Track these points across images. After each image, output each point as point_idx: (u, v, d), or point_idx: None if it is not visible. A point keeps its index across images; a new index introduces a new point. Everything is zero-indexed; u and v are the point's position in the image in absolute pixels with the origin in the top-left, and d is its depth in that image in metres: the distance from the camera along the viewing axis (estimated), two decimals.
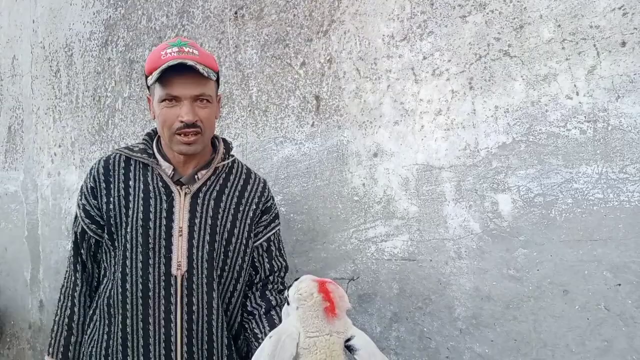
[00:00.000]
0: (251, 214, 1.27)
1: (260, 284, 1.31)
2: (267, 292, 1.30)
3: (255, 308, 1.27)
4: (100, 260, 1.27)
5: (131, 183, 1.21)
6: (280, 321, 1.12)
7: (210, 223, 1.20)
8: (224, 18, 1.88)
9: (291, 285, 1.04)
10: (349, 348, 0.96)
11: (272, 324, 1.20)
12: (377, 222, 1.47)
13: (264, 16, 1.76)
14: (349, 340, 0.96)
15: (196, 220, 1.19)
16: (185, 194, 1.20)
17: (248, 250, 1.27)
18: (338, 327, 0.96)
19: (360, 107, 1.52)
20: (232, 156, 1.30)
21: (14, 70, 2.98)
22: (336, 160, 1.57)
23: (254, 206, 1.28)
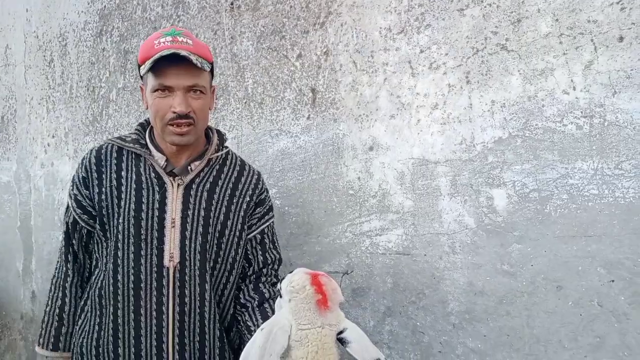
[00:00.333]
0: (245, 205, 1.26)
1: (254, 276, 1.30)
2: (260, 285, 1.29)
3: (248, 300, 1.26)
4: (92, 251, 1.26)
5: (123, 174, 1.19)
6: (273, 314, 1.12)
7: (204, 215, 1.19)
8: (219, 9, 1.86)
9: (284, 278, 1.04)
10: (341, 341, 0.96)
11: (265, 316, 1.20)
12: (372, 216, 1.47)
13: (260, 7, 1.74)
14: (341, 332, 0.96)
15: (189, 212, 1.18)
16: (178, 185, 1.19)
17: (241, 242, 1.26)
18: (330, 320, 0.95)
19: (357, 100, 1.51)
20: (226, 147, 1.29)
21: (7, 59, 2.95)
22: (332, 154, 1.56)
23: (247, 198, 1.27)
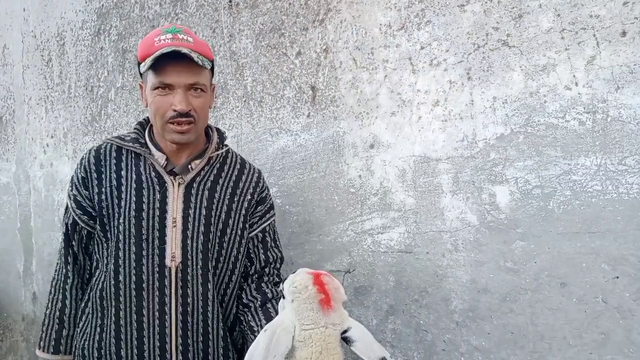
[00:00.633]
0: (246, 204, 1.26)
1: (256, 275, 1.30)
2: (262, 285, 1.28)
3: (251, 300, 1.26)
4: (92, 252, 1.25)
5: (123, 173, 1.19)
6: (277, 314, 1.11)
7: (205, 214, 1.18)
8: (218, 6, 1.85)
9: (286, 279, 1.04)
10: (346, 340, 0.95)
11: (268, 316, 1.19)
12: (374, 214, 1.46)
13: (259, 4, 1.73)
14: (345, 332, 0.96)
15: (190, 211, 1.17)
16: (179, 184, 1.18)
17: (243, 241, 1.25)
18: (334, 319, 0.95)
19: (357, 97, 1.50)
20: (226, 146, 1.28)
21: (4, 59, 2.93)
22: (332, 152, 1.55)
23: (248, 196, 1.27)
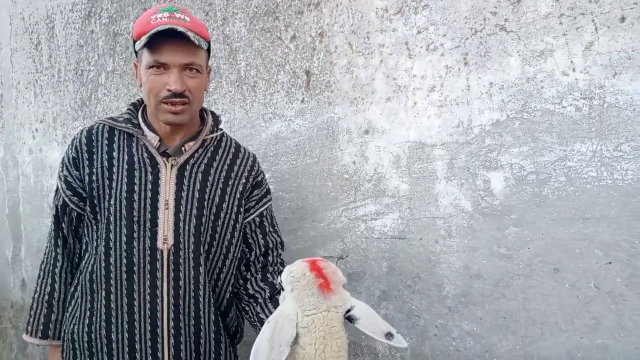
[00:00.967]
0: (241, 188, 1.24)
1: (260, 265, 1.28)
2: (268, 275, 1.26)
3: (258, 292, 1.24)
4: (82, 235, 1.23)
5: (115, 154, 1.16)
6: None
7: (198, 196, 1.17)
8: None
9: (283, 271, 1.04)
10: (350, 319, 0.96)
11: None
12: (367, 200, 1.45)
13: None
14: (349, 311, 0.96)
15: (183, 193, 1.15)
16: (172, 165, 1.16)
17: (238, 225, 1.24)
18: (335, 302, 0.95)
19: (352, 82, 1.48)
20: (220, 129, 1.27)
21: None
22: (326, 138, 1.54)
23: (243, 180, 1.25)
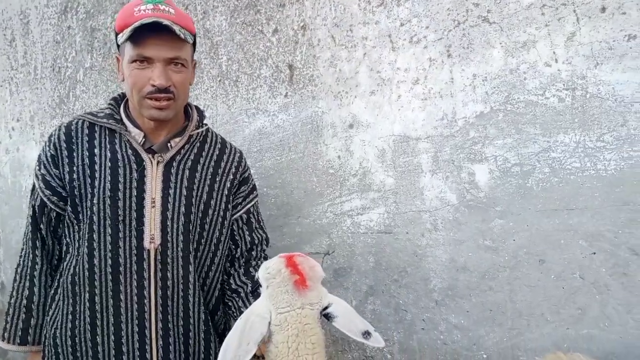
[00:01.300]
0: (228, 184, 1.22)
1: (243, 260, 1.26)
2: (251, 270, 1.25)
3: (240, 286, 1.22)
4: (62, 236, 1.19)
5: (96, 151, 1.13)
6: None
7: (186, 194, 1.14)
8: None
9: (261, 267, 1.02)
10: (327, 316, 0.94)
11: None
12: (353, 195, 1.44)
13: None
14: (326, 308, 0.94)
15: (170, 191, 1.12)
16: (158, 162, 1.13)
17: (226, 222, 1.22)
18: (311, 299, 0.94)
19: (336, 76, 1.47)
20: (205, 125, 1.24)
21: None
22: (310, 132, 1.52)
23: (231, 176, 1.23)
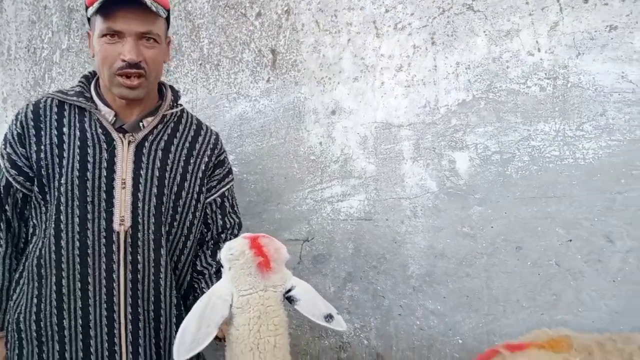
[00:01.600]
0: (203, 167, 1.19)
1: (212, 242, 1.24)
2: (218, 252, 1.23)
3: (206, 267, 1.21)
4: (28, 218, 1.14)
5: (65, 130, 1.09)
6: None
7: (158, 175, 1.11)
8: None
9: (223, 248, 1.00)
10: (290, 299, 0.93)
11: None
12: (334, 182, 1.43)
13: None
14: (289, 291, 0.93)
15: (141, 172, 1.09)
16: (129, 142, 1.10)
17: (199, 205, 1.19)
18: (274, 281, 0.92)
19: (319, 62, 1.45)
20: (180, 105, 1.21)
21: None
22: (292, 118, 1.50)
23: (206, 159, 1.20)
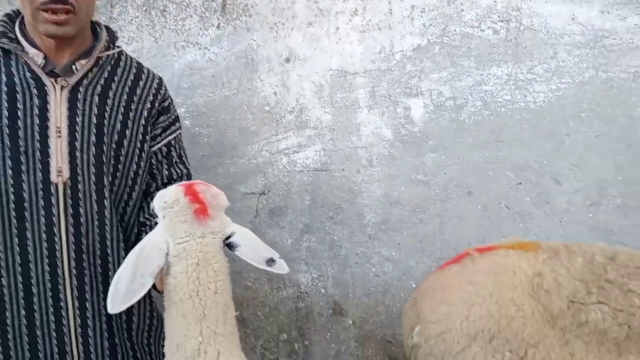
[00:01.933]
0: (145, 113, 1.13)
1: (156, 193, 1.20)
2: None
3: (148, 219, 1.17)
4: None
5: None
6: None
7: (96, 122, 1.05)
8: None
9: (155, 197, 0.96)
10: (230, 245, 0.92)
11: None
12: (289, 133, 1.40)
13: None
14: (229, 237, 0.92)
15: (77, 119, 1.03)
16: (62, 87, 1.02)
17: (143, 154, 1.14)
18: (213, 228, 0.90)
19: (271, 6, 1.39)
20: (118, 47, 1.13)
21: None
22: (245, 67, 1.45)
23: (148, 104, 1.14)
